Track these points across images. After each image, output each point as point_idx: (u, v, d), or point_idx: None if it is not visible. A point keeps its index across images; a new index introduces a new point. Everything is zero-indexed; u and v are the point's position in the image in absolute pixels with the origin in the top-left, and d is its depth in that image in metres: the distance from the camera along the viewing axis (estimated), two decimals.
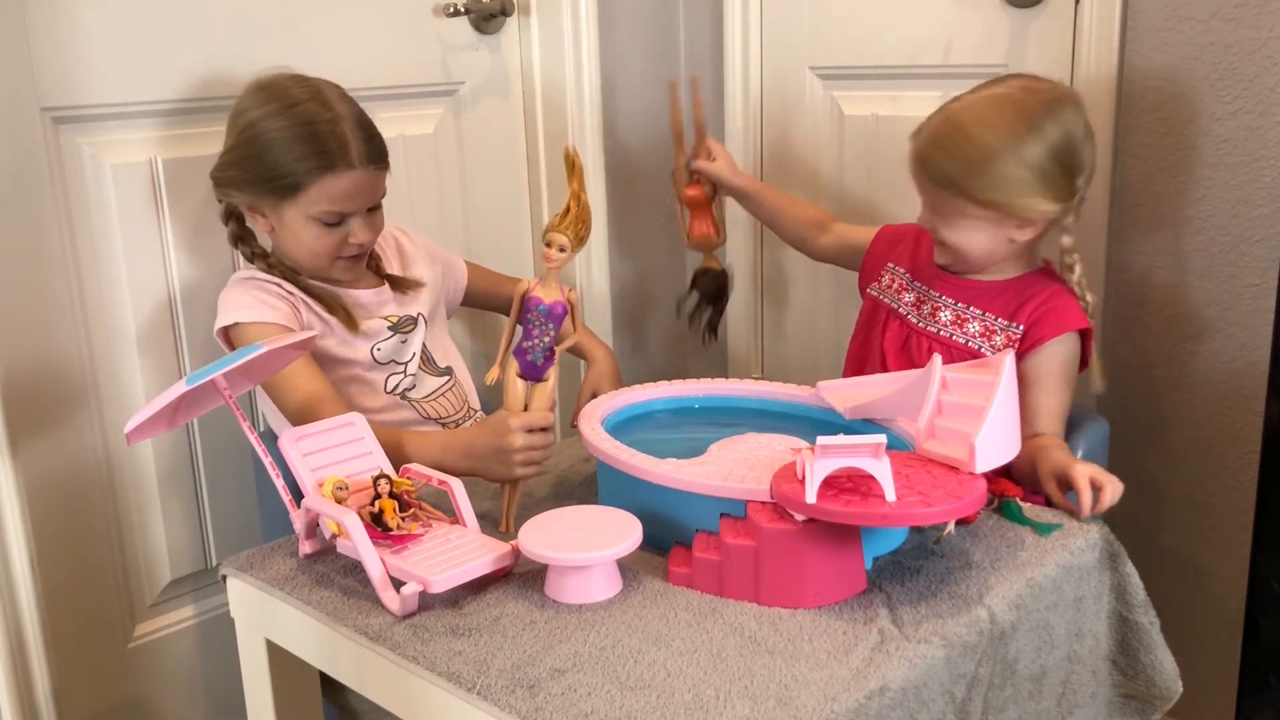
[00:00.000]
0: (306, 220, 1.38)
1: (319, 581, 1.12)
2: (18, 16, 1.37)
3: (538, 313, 1.19)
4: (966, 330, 1.41)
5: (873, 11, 1.82)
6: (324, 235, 1.39)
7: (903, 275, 1.51)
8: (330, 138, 1.35)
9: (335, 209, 1.37)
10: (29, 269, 1.42)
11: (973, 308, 1.42)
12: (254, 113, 1.37)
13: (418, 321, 1.51)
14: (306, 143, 1.35)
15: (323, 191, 1.36)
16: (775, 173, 2.02)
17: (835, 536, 1.01)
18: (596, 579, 1.05)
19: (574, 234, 1.16)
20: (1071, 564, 1.11)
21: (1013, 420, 1.09)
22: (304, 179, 1.35)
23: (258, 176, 1.37)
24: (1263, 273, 1.50)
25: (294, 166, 1.34)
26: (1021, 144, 1.30)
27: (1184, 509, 1.64)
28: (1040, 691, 1.10)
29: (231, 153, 1.39)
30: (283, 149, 1.35)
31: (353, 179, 1.37)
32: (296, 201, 1.37)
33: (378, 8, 1.75)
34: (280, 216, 1.39)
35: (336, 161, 1.35)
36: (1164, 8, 1.52)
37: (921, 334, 1.45)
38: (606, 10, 1.97)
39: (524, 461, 1.20)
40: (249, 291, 1.40)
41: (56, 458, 1.47)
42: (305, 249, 1.40)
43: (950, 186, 1.34)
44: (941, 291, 1.45)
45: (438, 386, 1.52)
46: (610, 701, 0.89)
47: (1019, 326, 1.38)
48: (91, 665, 1.55)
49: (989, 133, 1.31)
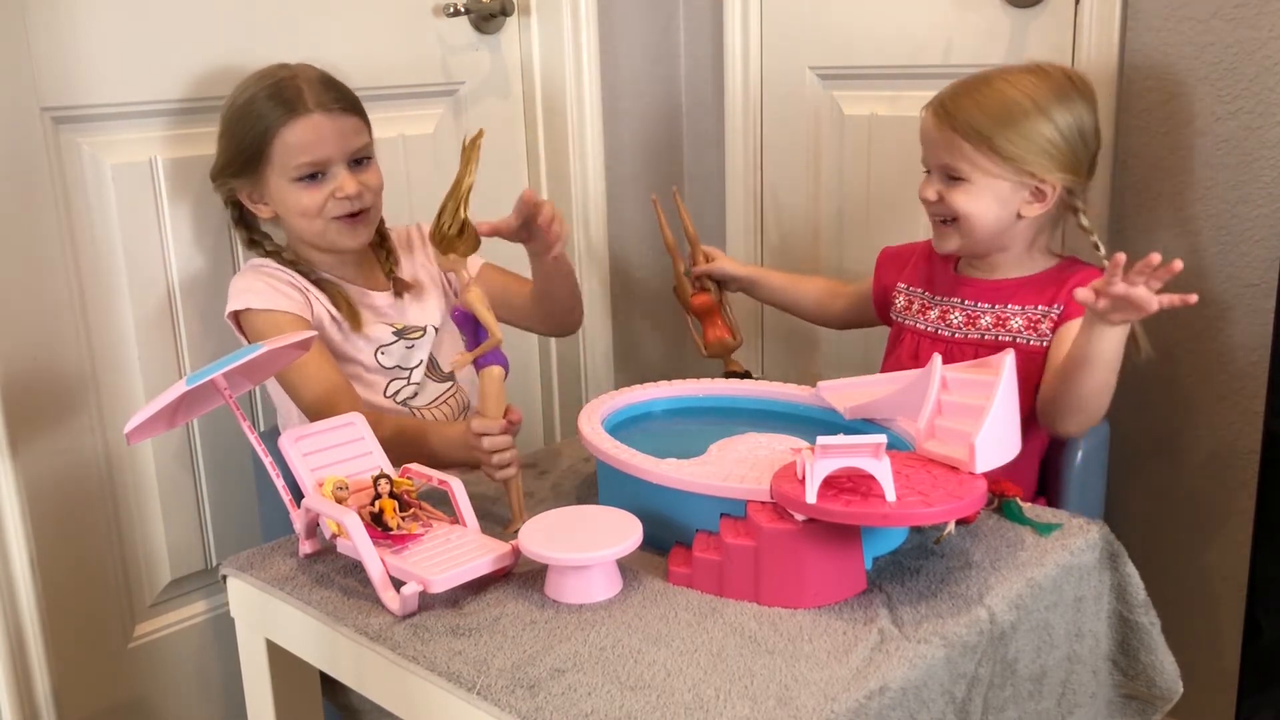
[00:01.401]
0: (288, 184, 1.38)
1: (319, 581, 1.12)
2: (18, 16, 1.37)
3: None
4: (1010, 327, 1.40)
5: (873, 11, 1.82)
6: (307, 192, 1.39)
7: (920, 294, 1.51)
8: (286, 89, 1.38)
9: (305, 159, 1.37)
10: (29, 269, 1.42)
11: (1010, 305, 1.41)
12: (233, 94, 1.42)
13: (426, 332, 1.50)
14: (261, 103, 1.38)
15: (285, 144, 1.37)
16: (775, 173, 2.02)
17: (835, 536, 1.01)
18: (596, 579, 1.05)
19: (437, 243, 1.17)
20: (1071, 564, 1.11)
21: (1013, 420, 1.09)
22: (268, 136, 1.37)
23: (236, 154, 1.39)
24: (1263, 273, 1.50)
25: (256, 126, 1.37)
26: (1052, 107, 1.32)
27: (1184, 509, 1.64)
28: (1040, 691, 1.10)
29: (219, 142, 1.43)
30: (248, 115, 1.38)
31: (312, 123, 1.37)
32: (271, 164, 1.38)
33: (378, 8, 1.75)
34: (268, 190, 1.40)
35: (292, 110, 1.37)
36: (1164, 8, 1.52)
37: (964, 344, 1.43)
38: (606, 10, 1.97)
39: (495, 465, 1.20)
40: (261, 278, 1.41)
41: (56, 458, 1.47)
42: (297, 216, 1.40)
43: (975, 136, 1.33)
44: (972, 298, 1.44)
45: (440, 394, 1.52)
46: (610, 701, 0.89)
47: (1059, 307, 1.38)
48: (91, 665, 1.55)
49: (1021, 92, 1.33)
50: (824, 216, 1.97)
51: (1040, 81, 1.34)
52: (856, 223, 1.91)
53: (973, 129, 1.33)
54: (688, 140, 2.16)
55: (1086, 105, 1.36)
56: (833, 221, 1.96)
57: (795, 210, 2.01)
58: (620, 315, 2.11)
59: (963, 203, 1.36)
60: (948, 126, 1.36)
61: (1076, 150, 1.34)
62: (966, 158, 1.34)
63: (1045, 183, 1.34)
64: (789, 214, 2.02)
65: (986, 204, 1.35)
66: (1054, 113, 1.32)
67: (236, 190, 1.44)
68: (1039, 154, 1.32)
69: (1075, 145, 1.34)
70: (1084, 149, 1.35)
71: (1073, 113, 1.34)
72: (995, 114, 1.33)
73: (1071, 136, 1.33)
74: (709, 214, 2.15)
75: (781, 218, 2.03)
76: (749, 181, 2.05)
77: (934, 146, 1.39)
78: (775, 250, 2.05)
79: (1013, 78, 1.35)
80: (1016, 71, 1.37)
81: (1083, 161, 1.36)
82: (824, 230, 1.98)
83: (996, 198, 1.35)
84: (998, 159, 1.33)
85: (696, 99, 2.13)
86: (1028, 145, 1.32)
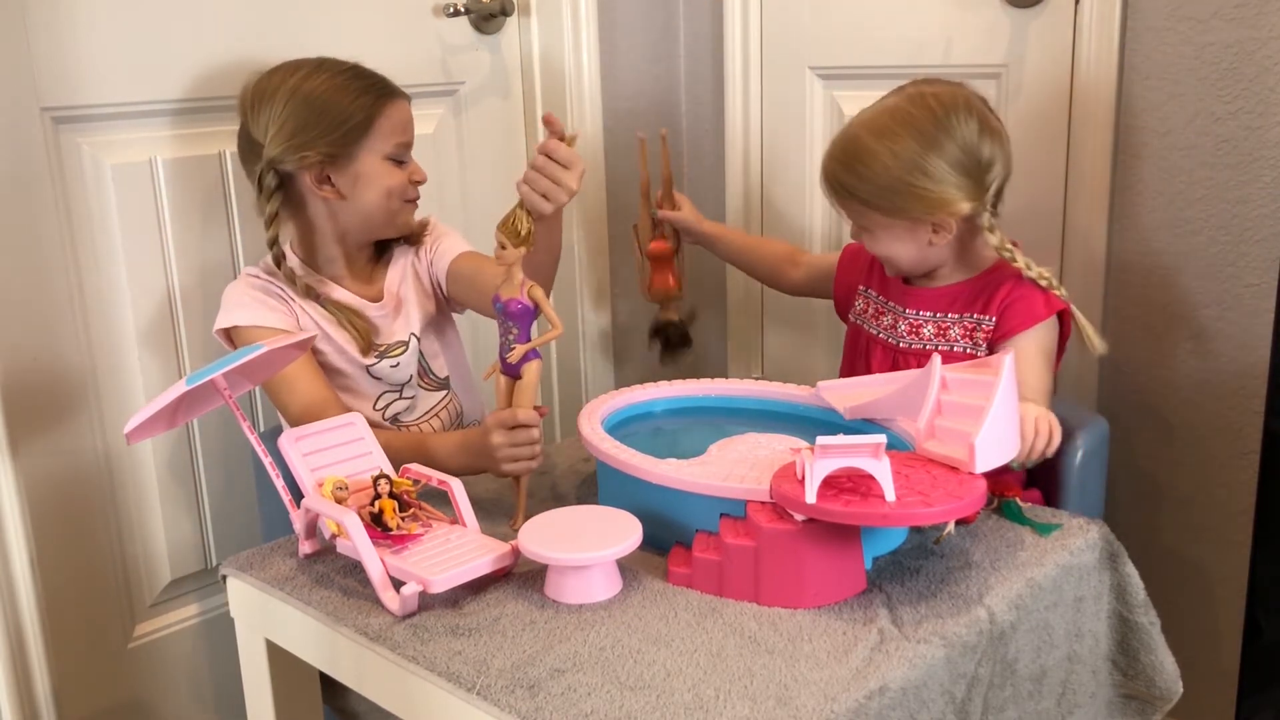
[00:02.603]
0: (382, 161, 1.39)
1: (319, 581, 1.12)
2: (18, 16, 1.37)
3: (496, 310, 1.20)
4: (950, 336, 1.42)
5: (873, 11, 1.82)
6: (395, 173, 1.41)
7: (875, 298, 1.53)
8: (372, 75, 1.40)
9: (404, 139, 1.41)
10: (29, 269, 1.42)
11: (950, 314, 1.43)
12: (287, 81, 1.37)
13: (409, 344, 1.48)
14: (358, 81, 1.38)
15: (390, 122, 1.39)
16: (775, 173, 2.02)
17: (835, 536, 1.01)
18: (596, 579, 1.05)
19: (509, 233, 1.18)
20: (1071, 564, 1.11)
21: (1013, 420, 1.09)
22: (373, 112, 1.38)
23: (328, 128, 1.36)
24: (1263, 273, 1.50)
25: (358, 103, 1.37)
26: (924, 159, 1.33)
27: (1184, 509, 1.64)
28: (1040, 691, 1.10)
29: (288, 121, 1.36)
30: (339, 95, 1.37)
31: (404, 108, 1.42)
32: (370, 141, 1.38)
33: (378, 8, 1.75)
34: (355, 169, 1.39)
35: (391, 92, 1.40)
36: (1164, 8, 1.52)
37: (908, 353, 1.45)
38: (606, 10, 1.97)
39: (506, 459, 1.21)
40: (250, 291, 1.40)
41: (56, 458, 1.47)
42: (381, 195, 1.40)
43: (861, 203, 1.39)
44: (916, 307, 1.46)
45: (433, 405, 1.50)
46: (610, 701, 0.89)
47: (991, 318, 1.39)
48: (91, 665, 1.55)
49: (886, 149, 1.34)
50: (823, 216, 1.97)
51: (907, 136, 1.33)
52: None
53: (856, 198, 1.39)
54: (688, 140, 2.16)
55: (956, 124, 1.33)
56: (832, 221, 1.96)
57: (795, 210, 2.01)
58: (620, 315, 2.11)
59: (878, 248, 1.43)
60: (836, 198, 1.42)
61: (956, 182, 1.33)
62: (863, 216, 1.40)
63: (937, 221, 1.36)
64: (789, 214, 2.02)
65: (897, 246, 1.41)
66: (926, 163, 1.33)
67: (307, 175, 1.38)
68: (919, 203, 1.34)
69: (955, 182, 1.33)
70: (968, 179, 1.34)
71: (945, 154, 1.33)
72: (871, 183, 1.36)
73: (947, 178, 1.33)
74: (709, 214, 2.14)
75: (781, 217, 2.03)
76: (749, 181, 2.05)
77: (838, 208, 1.45)
78: None
79: (879, 128, 1.36)
80: (881, 117, 1.37)
81: (969, 185, 1.34)
82: (823, 230, 1.98)
83: (901, 240, 1.40)
84: (883, 216, 1.38)
85: (696, 99, 2.13)
86: (907, 201, 1.34)
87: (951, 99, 1.36)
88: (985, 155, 1.34)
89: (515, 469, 1.21)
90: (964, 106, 1.35)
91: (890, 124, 1.36)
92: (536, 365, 1.21)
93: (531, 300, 1.19)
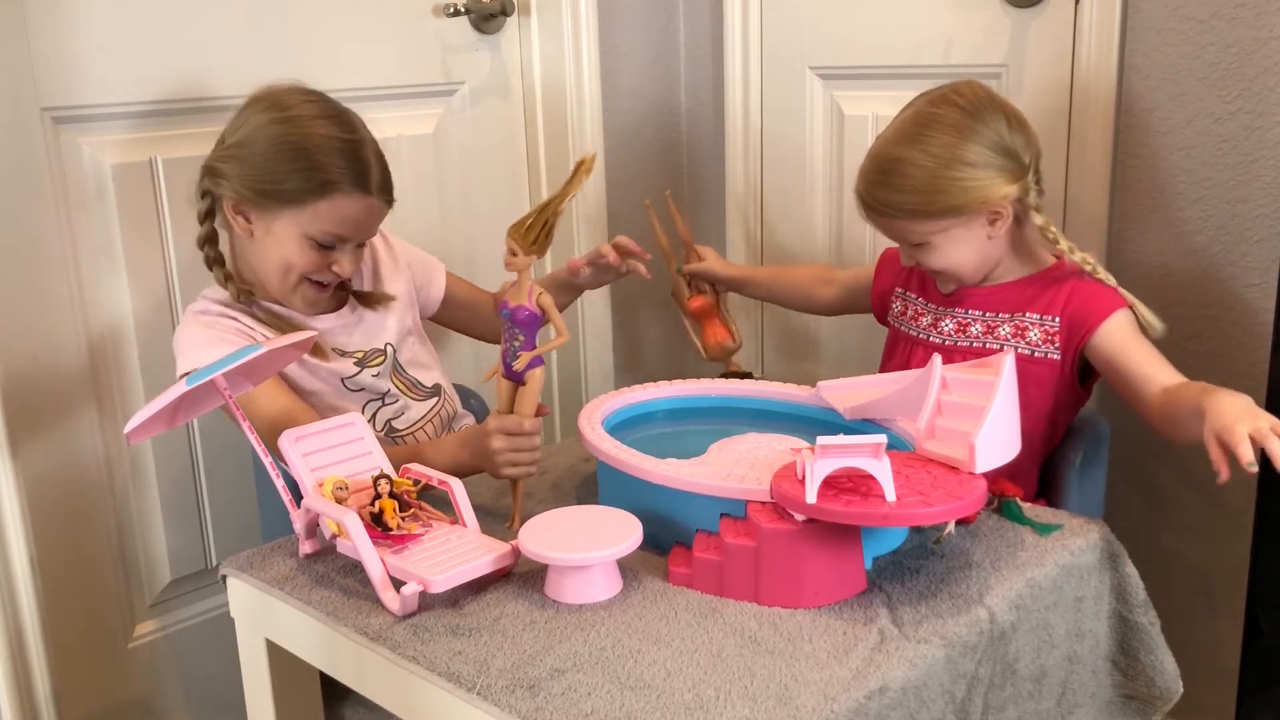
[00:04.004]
0: (299, 236, 1.31)
1: (319, 581, 1.12)
2: (18, 16, 1.38)
3: (503, 316, 1.20)
4: (999, 335, 1.40)
5: (873, 11, 1.82)
6: (308, 254, 1.32)
7: (915, 300, 1.51)
8: (352, 158, 1.31)
9: (336, 231, 1.32)
10: (29, 269, 1.42)
11: (1000, 313, 1.41)
12: (272, 114, 1.31)
13: (385, 352, 1.44)
14: (327, 155, 1.29)
15: (333, 211, 1.30)
16: (775, 173, 2.02)
17: (835, 536, 1.01)
18: (596, 579, 1.05)
19: (521, 239, 1.16)
20: (1072, 564, 1.11)
21: (1013, 420, 1.09)
22: (316, 193, 1.29)
23: (264, 177, 1.29)
24: (1263, 273, 1.50)
25: (309, 177, 1.28)
26: (959, 152, 1.31)
27: (1184, 509, 1.64)
28: (1040, 691, 1.10)
29: (240, 147, 1.31)
30: (299, 156, 1.28)
31: (364, 206, 1.32)
32: (299, 214, 1.30)
33: (378, 8, 1.75)
34: (269, 224, 1.31)
35: (354, 183, 1.30)
36: (1164, 8, 1.52)
37: (953, 351, 1.43)
38: (606, 10, 1.97)
39: (505, 463, 1.20)
40: (203, 330, 1.33)
41: (56, 458, 1.47)
42: (280, 263, 1.32)
43: (905, 214, 1.35)
44: (965, 306, 1.44)
45: (425, 412, 1.47)
46: (610, 701, 0.89)
47: (1054, 319, 1.37)
48: (91, 665, 1.55)
49: (925, 155, 1.32)
50: (823, 217, 1.97)
51: (938, 133, 1.32)
52: (856, 223, 1.91)
53: (902, 211, 1.35)
54: (687, 140, 2.16)
55: (994, 119, 1.33)
56: (832, 221, 1.96)
57: (795, 210, 2.01)
58: (620, 315, 2.12)
59: (935, 261, 1.39)
60: (880, 217, 1.38)
61: (1003, 168, 1.32)
62: (913, 230, 1.37)
63: (991, 208, 1.34)
64: (789, 214, 2.02)
65: (955, 251, 1.37)
66: (964, 154, 1.31)
67: (227, 198, 1.33)
68: (969, 195, 1.32)
69: (999, 165, 1.32)
70: (1009, 160, 1.33)
71: (982, 140, 1.31)
72: (913, 190, 1.33)
73: (990, 162, 1.31)
74: (709, 214, 2.15)
75: (781, 218, 2.03)
76: (749, 181, 2.05)
77: (883, 230, 1.41)
78: (775, 250, 2.05)
79: (905, 137, 1.34)
80: (904, 127, 1.36)
81: (1011, 166, 1.33)
82: (823, 230, 1.98)
83: (960, 242, 1.36)
84: (937, 219, 1.34)
85: (696, 99, 2.13)
86: (955, 196, 1.32)
87: (970, 90, 1.35)
88: (1017, 134, 1.33)
89: (514, 474, 1.21)
90: (984, 94, 1.35)
91: (915, 130, 1.34)
92: (540, 372, 1.21)
93: (539, 308, 1.19)
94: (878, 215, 1.38)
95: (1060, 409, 1.40)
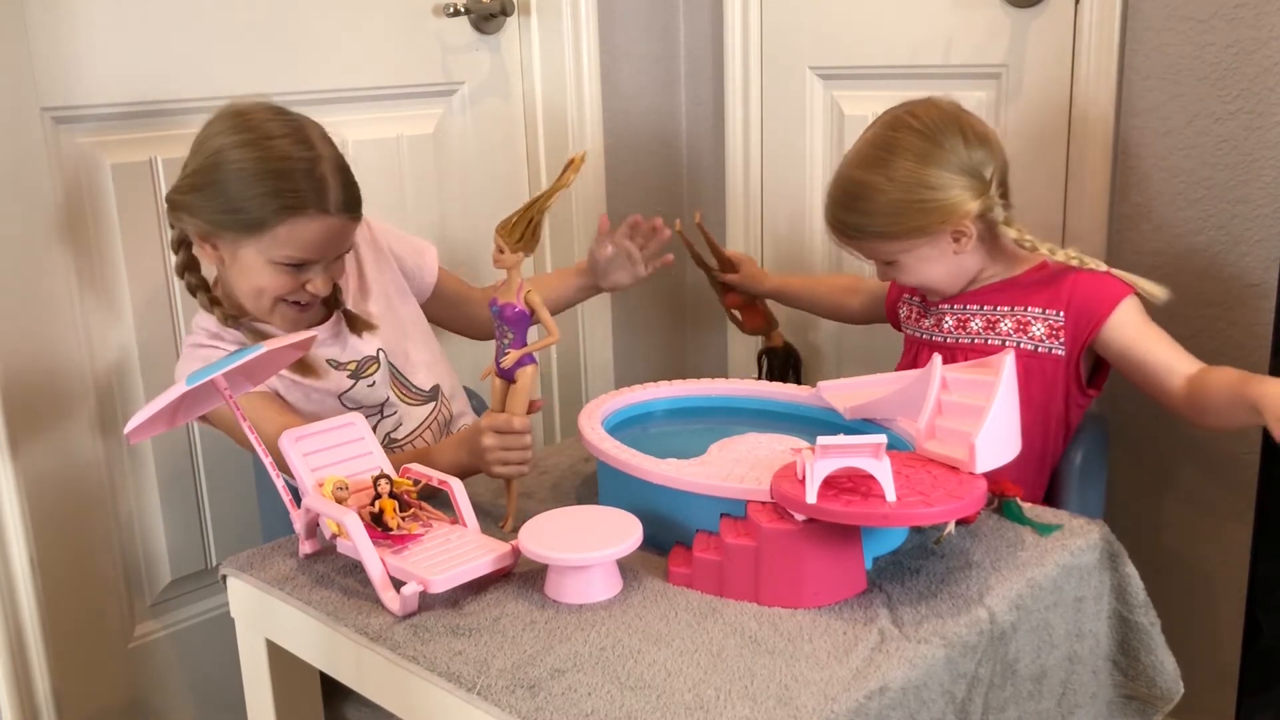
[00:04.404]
0: (265, 263, 1.28)
1: (319, 581, 1.12)
2: (18, 16, 1.38)
3: (492, 314, 1.20)
4: (1000, 330, 1.41)
5: (873, 11, 1.82)
6: (278, 278, 1.29)
7: (917, 303, 1.52)
8: (307, 178, 1.26)
9: (300, 255, 1.28)
10: (29, 269, 1.42)
11: (1000, 307, 1.42)
12: (225, 138, 1.27)
13: (379, 361, 1.42)
14: (280, 179, 1.25)
15: (292, 234, 1.26)
16: (775, 173, 2.02)
17: (835, 536, 1.01)
18: (596, 579, 1.05)
19: (508, 236, 1.17)
20: (1072, 564, 1.11)
21: (1013, 420, 1.09)
22: (272, 218, 1.25)
23: (220, 207, 1.26)
24: (1263, 273, 1.50)
25: (263, 203, 1.24)
26: (915, 173, 1.33)
27: (1184, 509, 1.64)
28: (1040, 692, 1.10)
29: (194, 177, 1.28)
30: (252, 183, 1.25)
31: (325, 226, 1.28)
32: (259, 241, 1.26)
33: (378, 8, 1.75)
34: (235, 253, 1.29)
35: (310, 204, 1.26)
36: (1164, 8, 1.52)
37: (955, 348, 1.44)
38: (606, 10, 1.97)
39: (497, 461, 1.20)
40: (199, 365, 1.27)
41: (56, 458, 1.47)
42: (252, 289, 1.30)
43: (872, 236, 1.39)
44: (962, 301, 1.44)
45: (423, 418, 1.46)
46: (610, 701, 0.89)
47: (1059, 313, 1.37)
48: (91, 665, 1.55)
49: (882, 177, 1.35)
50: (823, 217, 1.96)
51: (898, 157, 1.34)
52: None
53: (868, 233, 1.39)
54: (687, 140, 2.16)
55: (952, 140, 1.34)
56: None
57: (795, 210, 2.01)
58: (621, 315, 2.11)
59: (906, 277, 1.42)
60: (848, 239, 1.42)
61: (966, 186, 1.34)
62: (881, 249, 1.40)
63: (954, 227, 1.36)
64: (789, 214, 2.02)
65: (924, 268, 1.40)
66: (925, 178, 1.33)
67: (191, 230, 1.31)
68: (931, 217, 1.34)
69: (961, 184, 1.34)
70: (971, 179, 1.34)
71: (941, 163, 1.33)
72: (877, 214, 1.36)
73: (951, 182, 1.33)
74: (709, 215, 2.15)
75: (781, 218, 2.03)
76: (749, 181, 2.05)
77: (852, 250, 1.45)
78: (775, 250, 2.05)
79: (875, 166, 1.36)
80: (865, 150, 1.38)
81: (977, 187, 1.34)
82: (823, 231, 1.97)
83: (928, 260, 1.39)
84: (903, 240, 1.37)
85: (696, 99, 2.13)
86: (918, 218, 1.34)
87: (926, 110, 1.37)
88: (976, 151, 1.35)
89: (506, 472, 1.21)
90: (941, 113, 1.37)
91: (877, 153, 1.37)
92: (531, 370, 1.21)
93: (528, 306, 1.19)
94: (845, 238, 1.42)
95: (1064, 410, 1.40)
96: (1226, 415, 1.25)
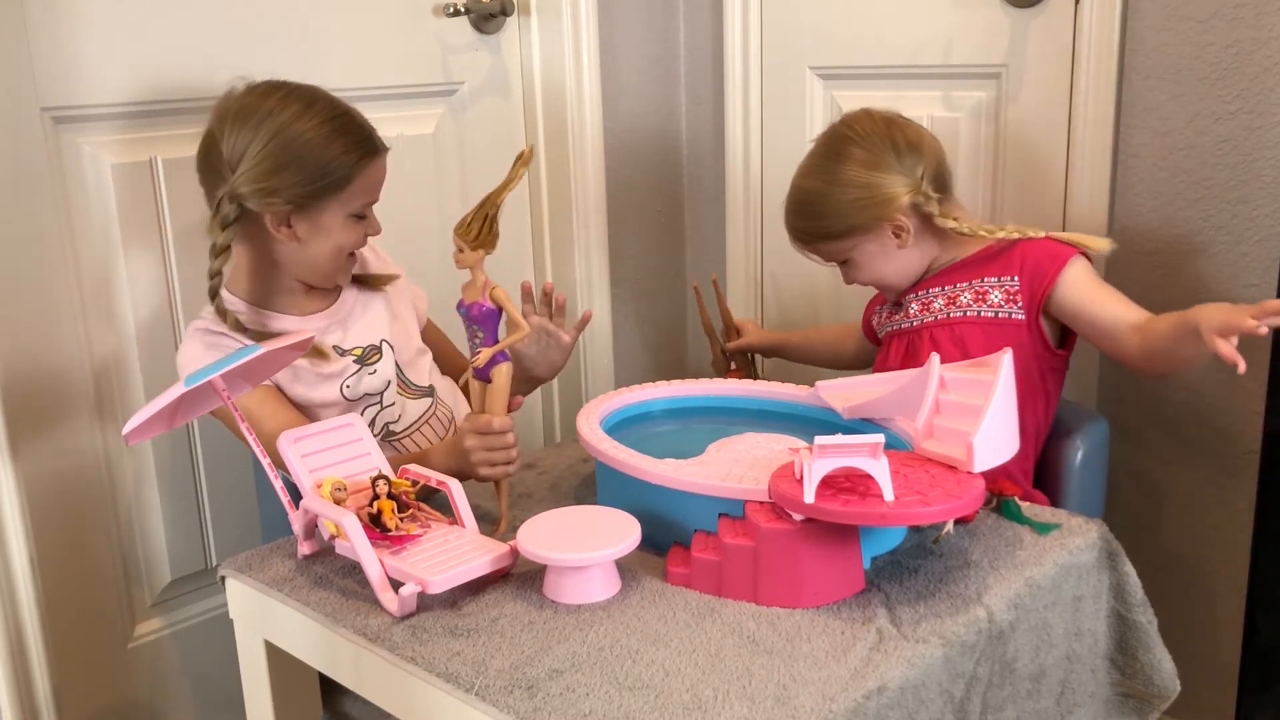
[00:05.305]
0: (344, 219, 1.34)
1: (318, 582, 1.12)
2: (18, 16, 1.38)
3: (460, 314, 1.20)
4: (961, 303, 1.44)
5: (873, 11, 1.82)
6: (353, 231, 1.36)
7: (886, 307, 1.57)
8: (361, 126, 1.35)
9: (370, 198, 1.36)
10: (29, 269, 1.42)
11: (959, 284, 1.45)
12: (279, 116, 1.30)
13: (381, 349, 1.43)
14: (346, 133, 1.32)
15: (365, 181, 1.34)
16: (775, 173, 2.02)
17: (833, 536, 1.01)
18: (595, 579, 1.05)
19: (464, 234, 1.18)
20: (1070, 563, 1.11)
21: (1011, 419, 1.09)
22: (354, 171, 1.32)
23: (309, 177, 1.29)
24: (1263, 273, 1.50)
25: (344, 159, 1.31)
26: (846, 175, 1.42)
27: (1184, 509, 1.64)
28: (1039, 690, 1.10)
29: (267, 160, 1.29)
30: (328, 144, 1.30)
31: (382, 164, 1.37)
32: (341, 197, 1.32)
33: (378, 8, 1.75)
34: (317, 221, 1.32)
35: (377, 146, 1.35)
36: (1164, 8, 1.52)
37: (920, 329, 1.46)
38: (606, 10, 1.97)
39: (482, 463, 1.20)
40: (209, 352, 1.32)
41: (56, 458, 1.48)
42: (333, 250, 1.34)
43: (818, 238, 1.47)
44: (925, 287, 1.48)
45: (421, 413, 1.45)
46: (609, 702, 0.89)
47: (1013, 278, 1.42)
48: (91, 665, 1.55)
49: (820, 182, 1.45)
50: None
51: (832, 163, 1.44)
52: None
53: (814, 235, 1.48)
54: (687, 140, 2.16)
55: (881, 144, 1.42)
56: None
57: None
58: (620, 315, 2.11)
59: (862, 275, 1.49)
60: (803, 244, 1.51)
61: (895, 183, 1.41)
62: (831, 250, 1.48)
63: (891, 221, 1.42)
64: None
65: (875, 265, 1.47)
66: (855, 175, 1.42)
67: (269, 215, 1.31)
68: (866, 212, 1.42)
69: (889, 182, 1.41)
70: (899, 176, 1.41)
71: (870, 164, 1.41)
72: (818, 215, 1.45)
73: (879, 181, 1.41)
74: (709, 215, 2.15)
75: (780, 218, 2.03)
76: (749, 182, 2.05)
77: (814, 255, 1.51)
78: (773, 252, 2.05)
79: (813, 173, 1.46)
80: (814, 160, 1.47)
81: (906, 183, 1.41)
82: None
83: (875, 256, 1.46)
84: (845, 239, 1.45)
85: (696, 99, 2.13)
86: (853, 216, 1.42)
87: (861, 121, 1.46)
88: (907, 155, 1.42)
89: (492, 474, 1.21)
90: (874, 122, 1.45)
91: (815, 161, 1.47)
92: (506, 368, 1.20)
93: (494, 302, 1.19)
94: (801, 243, 1.50)
95: (1039, 374, 1.42)
96: (1178, 351, 1.30)
